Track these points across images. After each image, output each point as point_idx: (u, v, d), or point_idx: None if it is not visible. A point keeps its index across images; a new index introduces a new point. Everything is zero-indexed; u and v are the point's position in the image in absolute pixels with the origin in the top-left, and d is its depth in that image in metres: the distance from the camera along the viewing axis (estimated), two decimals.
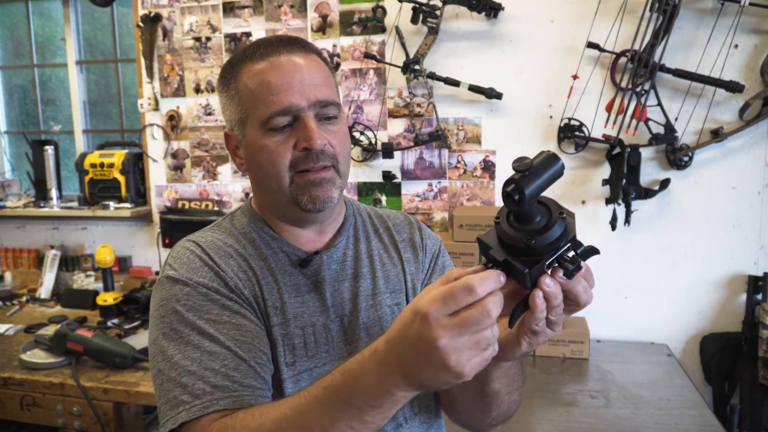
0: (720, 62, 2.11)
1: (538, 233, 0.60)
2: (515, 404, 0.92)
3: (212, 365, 0.78)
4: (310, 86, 0.86)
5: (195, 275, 0.85)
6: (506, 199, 0.59)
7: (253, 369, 0.80)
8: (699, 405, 1.78)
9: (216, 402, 0.75)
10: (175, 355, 0.79)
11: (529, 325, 0.65)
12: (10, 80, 3.22)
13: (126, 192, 2.75)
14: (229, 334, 0.81)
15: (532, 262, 0.61)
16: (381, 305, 0.96)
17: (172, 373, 0.78)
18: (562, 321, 0.67)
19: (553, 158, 0.60)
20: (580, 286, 0.64)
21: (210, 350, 0.79)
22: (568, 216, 0.62)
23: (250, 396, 0.78)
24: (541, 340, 0.67)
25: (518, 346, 0.68)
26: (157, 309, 0.85)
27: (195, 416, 0.75)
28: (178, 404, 0.76)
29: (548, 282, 0.62)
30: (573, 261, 0.62)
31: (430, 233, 1.08)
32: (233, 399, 0.76)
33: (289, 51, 0.87)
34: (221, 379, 0.77)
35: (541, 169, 0.59)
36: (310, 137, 0.84)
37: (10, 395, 1.85)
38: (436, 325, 0.56)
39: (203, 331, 0.80)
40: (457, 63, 2.36)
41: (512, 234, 0.61)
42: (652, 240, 2.28)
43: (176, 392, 0.77)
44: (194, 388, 0.76)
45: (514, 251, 0.62)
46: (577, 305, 0.66)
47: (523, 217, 0.61)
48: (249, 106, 0.87)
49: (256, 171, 0.90)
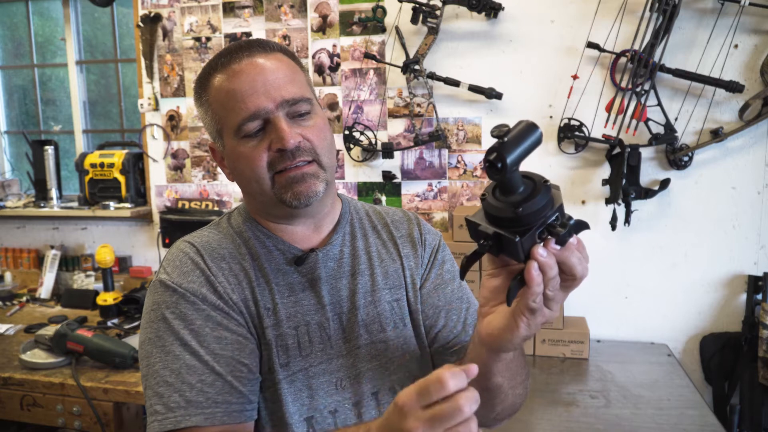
0: (720, 62, 2.11)
1: (525, 201, 0.60)
2: (520, 398, 0.92)
3: (189, 379, 0.81)
4: (275, 87, 0.86)
5: (185, 280, 0.87)
6: (489, 168, 0.59)
7: (229, 384, 0.82)
8: (699, 405, 1.78)
9: (188, 418, 0.79)
10: (156, 363, 0.83)
11: (527, 302, 0.64)
12: (10, 80, 3.22)
13: (126, 192, 2.75)
14: (209, 347, 0.83)
15: (522, 232, 0.61)
16: (380, 301, 0.96)
17: (152, 381, 0.82)
18: (559, 299, 0.66)
19: (531, 126, 0.60)
20: (575, 257, 0.64)
21: (189, 363, 0.82)
22: (552, 186, 0.63)
23: (222, 413, 0.81)
24: (539, 320, 0.66)
25: (517, 329, 0.67)
26: (148, 312, 0.88)
27: (166, 429, 0.79)
28: (153, 413, 0.81)
29: (541, 252, 0.61)
30: (564, 225, 0.61)
31: (430, 228, 1.08)
32: (205, 416, 0.79)
33: (249, 54, 0.87)
34: (196, 395, 0.80)
35: (520, 136, 0.59)
36: (281, 138, 0.84)
37: (10, 395, 1.85)
38: (410, 416, 0.58)
39: (185, 343, 0.83)
40: (457, 63, 2.37)
41: (499, 206, 0.61)
42: (652, 240, 2.28)
43: (153, 401, 0.81)
44: (169, 401, 0.80)
45: (503, 223, 0.62)
46: (573, 278, 0.65)
47: (508, 187, 0.62)
48: (221, 116, 0.88)
49: (240, 178, 0.91)
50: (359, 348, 0.92)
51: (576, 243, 0.64)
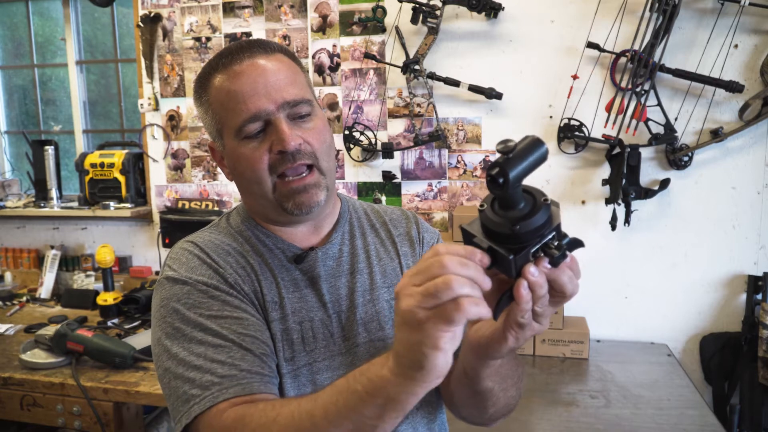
0: (720, 62, 2.11)
1: (523, 219, 0.59)
2: (514, 399, 0.92)
3: (218, 357, 0.79)
4: (276, 88, 0.85)
5: (194, 274, 0.86)
6: (491, 183, 0.58)
7: (259, 359, 0.81)
8: (699, 405, 1.78)
9: (225, 390, 0.76)
10: (180, 353, 0.80)
11: (515, 317, 0.64)
12: (10, 80, 3.22)
13: (126, 192, 2.76)
14: (231, 327, 0.82)
15: (517, 249, 0.60)
16: (378, 300, 0.96)
17: (179, 370, 0.79)
18: (548, 314, 0.65)
19: (537, 142, 0.59)
20: (565, 276, 0.63)
21: (214, 344, 0.80)
22: (552, 204, 0.62)
23: (259, 382, 0.78)
24: (528, 335, 0.66)
25: (504, 341, 0.67)
26: (158, 310, 0.86)
27: (207, 407, 0.75)
28: (189, 399, 0.77)
29: (533, 271, 0.60)
30: (559, 248, 0.60)
31: (428, 227, 1.08)
32: (242, 386, 0.76)
33: (250, 56, 0.87)
34: (228, 369, 0.78)
35: (525, 152, 0.58)
36: (282, 140, 0.84)
37: (10, 395, 1.84)
38: (404, 296, 0.57)
39: (205, 327, 0.81)
40: (457, 63, 2.37)
41: (497, 220, 0.60)
42: (652, 240, 2.28)
43: (185, 387, 0.78)
44: (203, 381, 0.77)
45: (498, 238, 0.60)
46: (563, 296, 0.64)
47: (507, 203, 0.60)
48: (222, 117, 0.88)
49: (240, 178, 0.91)
50: (358, 346, 0.92)
51: (569, 261, 0.63)
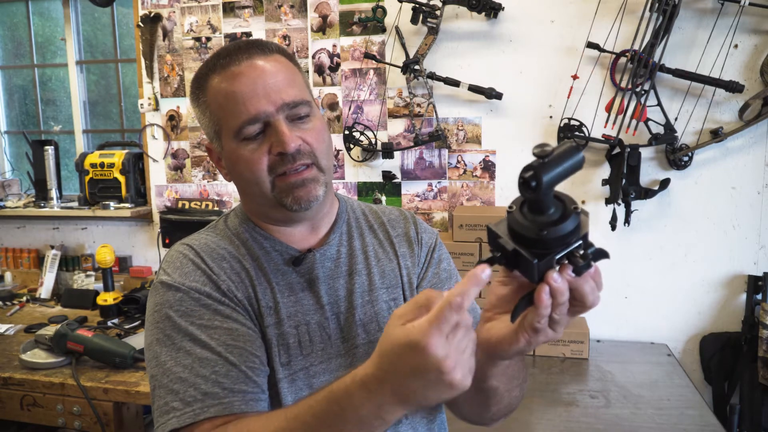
0: (720, 62, 2.11)
1: (551, 225, 0.59)
2: (516, 399, 0.92)
3: (203, 372, 0.79)
4: (275, 90, 0.85)
5: (187, 280, 0.86)
6: (522, 185, 0.57)
7: (243, 374, 0.81)
8: (699, 405, 1.78)
9: (206, 410, 0.77)
10: (167, 362, 0.81)
11: (531, 321, 0.64)
12: (10, 80, 3.22)
13: (126, 192, 2.75)
14: (220, 339, 0.82)
15: (541, 255, 0.59)
16: (377, 301, 0.96)
17: (164, 380, 0.80)
18: (565, 322, 0.65)
19: (574, 149, 0.58)
20: (588, 286, 0.63)
21: (201, 356, 0.80)
22: (582, 213, 0.61)
23: (240, 402, 0.79)
24: (541, 340, 0.66)
25: (516, 343, 0.67)
26: (151, 314, 0.87)
27: (185, 423, 0.77)
28: (169, 411, 0.78)
29: (556, 277, 0.60)
30: (584, 257, 0.60)
31: (426, 227, 1.07)
32: (223, 406, 0.78)
33: (248, 57, 0.87)
34: (211, 386, 0.78)
35: (560, 158, 0.57)
36: (282, 141, 0.84)
37: (10, 395, 1.84)
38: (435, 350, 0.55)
39: (195, 337, 0.82)
40: (457, 63, 2.37)
41: (525, 224, 0.60)
42: (652, 240, 2.28)
43: (167, 398, 0.79)
44: (185, 395, 0.78)
45: (524, 242, 0.60)
46: (583, 306, 0.64)
47: (537, 207, 0.60)
48: (220, 118, 0.88)
49: (238, 179, 0.91)
50: (357, 347, 0.92)
51: (593, 271, 0.63)
